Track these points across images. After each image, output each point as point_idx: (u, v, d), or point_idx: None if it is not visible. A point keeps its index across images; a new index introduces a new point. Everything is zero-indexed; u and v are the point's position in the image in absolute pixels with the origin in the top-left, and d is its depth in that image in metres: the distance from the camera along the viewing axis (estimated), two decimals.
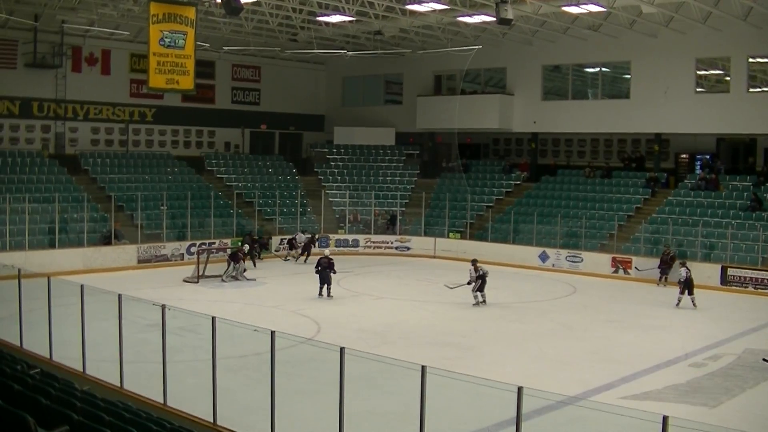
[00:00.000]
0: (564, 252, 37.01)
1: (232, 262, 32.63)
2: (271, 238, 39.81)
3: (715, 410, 16.54)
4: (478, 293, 27.64)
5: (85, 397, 11.59)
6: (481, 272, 27.69)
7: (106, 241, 34.85)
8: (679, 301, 28.28)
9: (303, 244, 38.47)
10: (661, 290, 32.23)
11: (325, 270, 28.88)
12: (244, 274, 32.60)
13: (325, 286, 28.84)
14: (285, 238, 39.89)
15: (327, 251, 30.95)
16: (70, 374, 16.25)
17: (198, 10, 32.06)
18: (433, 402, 11.78)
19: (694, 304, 27.99)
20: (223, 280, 32.01)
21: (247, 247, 34.88)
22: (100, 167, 40.03)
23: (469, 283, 27.76)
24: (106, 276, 31.53)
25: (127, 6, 34.96)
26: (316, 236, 39.78)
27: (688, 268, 28.53)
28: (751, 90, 37.43)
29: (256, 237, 38.52)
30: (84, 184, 38.36)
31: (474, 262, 28.16)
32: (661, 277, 33.46)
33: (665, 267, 33.36)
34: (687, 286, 28.19)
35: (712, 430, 13.08)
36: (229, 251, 34.08)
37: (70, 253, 32.96)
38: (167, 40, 30.09)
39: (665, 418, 9.59)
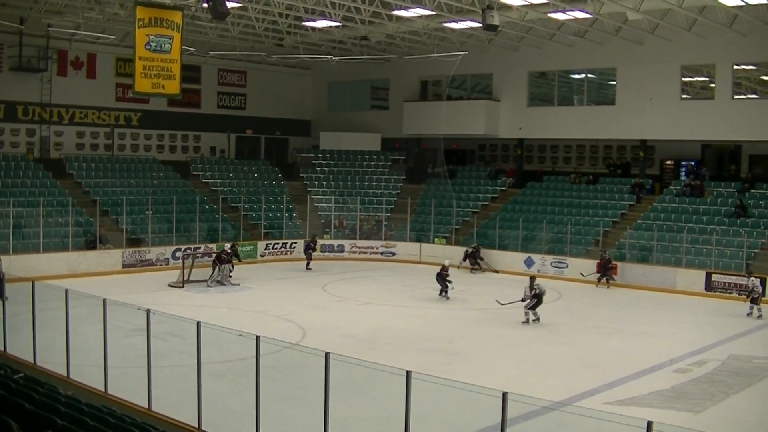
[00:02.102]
0: (549, 258, 37.06)
1: (218, 265, 32.52)
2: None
3: (700, 416, 16.57)
4: (530, 311, 26.06)
5: (69, 402, 11.54)
6: (537, 290, 26.03)
7: (91, 245, 34.74)
8: (752, 311, 28.22)
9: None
10: (645, 296, 32.35)
11: (439, 276, 30.93)
12: (229, 277, 32.51)
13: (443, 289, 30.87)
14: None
15: (447, 262, 31.56)
16: (55, 379, 16.20)
17: (184, 14, 32.02)
18: (418, 407, 11.78)
19: (759, 315, 28.07)
20: (208, 285, 31.92)
21: (228, 245, 34.78)
22: (86, 171, 39.90)
23: (523, 300, 26.19)
24: (90, 280, 31.45)
25: (114, 10, 34.87)
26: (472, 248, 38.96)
27: (761, 279, 28.33)
28: (735, 97, 37.57)
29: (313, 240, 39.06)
30: (69, 188, 38.22)
31: (532, 279, 26.59)
32: (600, 279, 34.48)
33: (604, 270, 34.32)
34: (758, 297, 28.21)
35: None
36: (213, 255, 33.97)
37: (54, 258, 32.83)
38: (153, 44, 30.00)
39: (650, 424, 9.62)
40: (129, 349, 18.16)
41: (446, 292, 30.63)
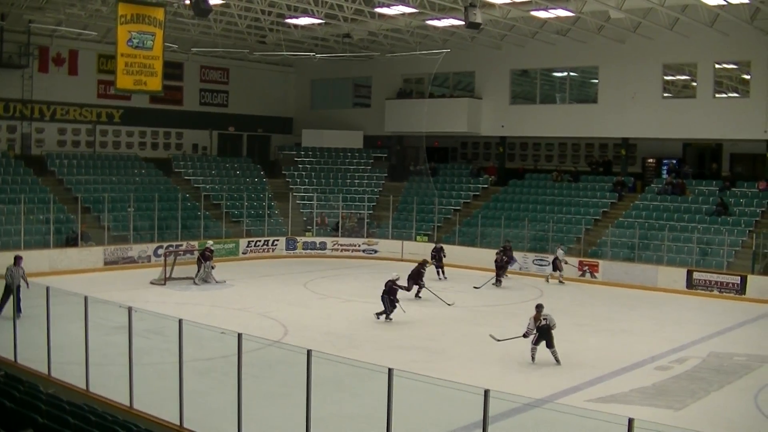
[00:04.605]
0: (531, 255, 37.13)
1: (203, 263, 32.38)
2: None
3: (681, 413, 16.65)
4: (536, 347, 20.80)
5: (50, 400, 11.52)
6: (545, 322, 20.76)
7: (72, 242, 34.57)
8: None
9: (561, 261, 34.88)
10: (627, 294, 32.49)
11: (384, 296, 25.57)
12: (213, 274, 32.39)
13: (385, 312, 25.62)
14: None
15: (394, 274, 26.37)
16: (36, 377, 16.15)
17: (167, 11, 31.92)
18: (400, 405, 11.80)
19: None
20: (195, 283, 31.80)
21: (211, 242, 34.56)
22: (67, 168, 39.75)
23: (525, 336, 20.97)
24: (72, 278, 31.30)
25: (95, 6, 34.73)
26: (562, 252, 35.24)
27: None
28: (717, 96, 37.80)
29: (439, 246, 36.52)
30: (50, 185, 38.05)
31: (538, 308, 21.09)
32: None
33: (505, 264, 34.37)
34: None
35: None
36: (196, 253, 33.85)
37: (35, 255, 32.55)
38: (135, 41, 29.89)
39: (631, 421, 9.66)
40: (110, 346, 18.09)
41: (388, 314, 25.65)
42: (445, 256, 35.29)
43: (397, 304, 25.65)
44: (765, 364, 21.42)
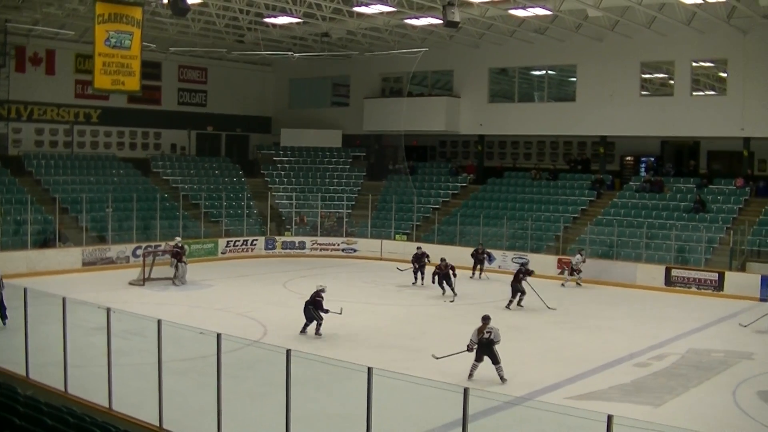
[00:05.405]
0: (510, 254, 37.17)
1: (177, 263, 32.17)
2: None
3: (659, 409, 16.72)
4: (477, 364, 18.91)
5: (27, 402, 11.45)
6: (488, 335, 18.91)
7: (50, 243, 34.38)
8: None
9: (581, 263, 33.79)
10: (606, 291, 32.58)
11: (307, 307, 23.29)
12: (184, 270, 32.22)
13: (313, 323, 23.21)
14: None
15: (320, 285, 24.00)
16: (13, 379, 16.05)
17: (144, 10, 31.78)
18: (380, 404, 11.79)
19: None
20: (174, 283, 31.68)
21: (178, 238, 34.31)
22: (45, 169, 39.53)
23: (469, 349, 19.15)
24: (50, 279, 31.11)
25: (73, 5, 34.55)
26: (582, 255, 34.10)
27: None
28: (694, 93, 38.03)
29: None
30: (28, 185, 37.85)
31: (484, 320, 19.19)
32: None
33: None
34: None
35: (656, 428, 13.22)
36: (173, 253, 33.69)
37: (13, 256, 32.42)
38: (113, 40, 29.76)
39: (610, 418, 9.70)
40: (89, 348, 17.99)
41: (318, 326, 23.28)
42: (428, 263, 33.37)
43: (324, 315, 23.19)
44: (743, 360, 21.56)
